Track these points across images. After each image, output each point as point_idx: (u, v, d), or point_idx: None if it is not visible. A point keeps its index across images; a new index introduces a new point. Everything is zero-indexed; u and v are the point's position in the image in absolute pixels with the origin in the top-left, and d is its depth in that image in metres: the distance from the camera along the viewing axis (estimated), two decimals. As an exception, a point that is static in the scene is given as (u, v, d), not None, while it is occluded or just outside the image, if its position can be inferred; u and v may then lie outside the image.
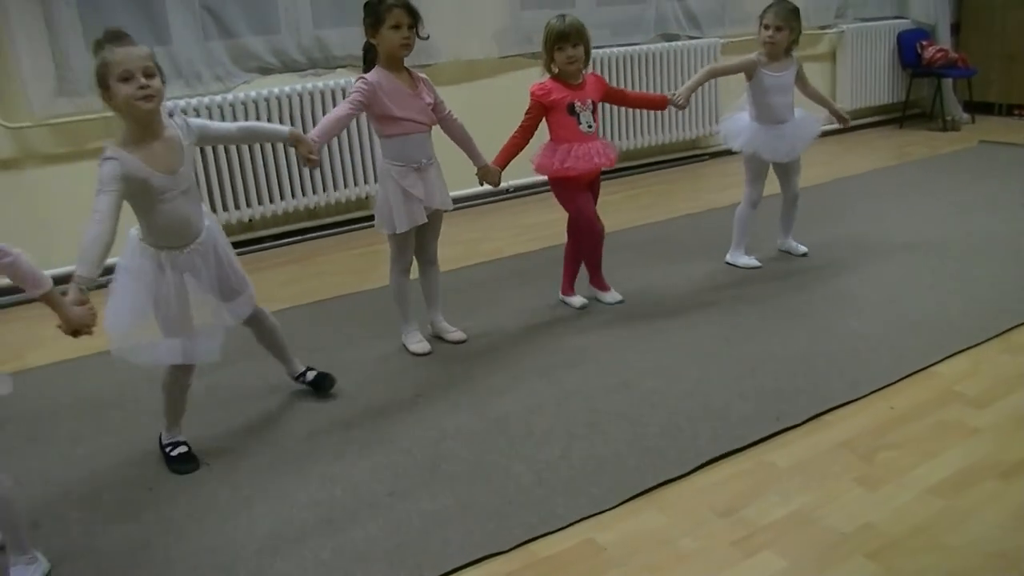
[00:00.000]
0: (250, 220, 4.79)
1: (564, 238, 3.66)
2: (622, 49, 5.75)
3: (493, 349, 3.27)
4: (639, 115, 5.86)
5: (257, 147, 4.70)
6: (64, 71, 4.24)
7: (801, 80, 3.86)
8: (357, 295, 3.98)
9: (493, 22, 5.33)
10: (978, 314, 3.29)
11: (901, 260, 3.97)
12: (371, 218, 5.21)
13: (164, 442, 2.63)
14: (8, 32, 4.05)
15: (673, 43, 6.01)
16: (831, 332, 3.22)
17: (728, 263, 4.03)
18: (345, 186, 5.01)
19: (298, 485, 2.42)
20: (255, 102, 4.63)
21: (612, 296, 3.66)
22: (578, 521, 2.18)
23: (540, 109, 3.34)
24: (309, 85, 4.80)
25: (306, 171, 4.85)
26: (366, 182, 5.06)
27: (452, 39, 5.10)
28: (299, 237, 4.97)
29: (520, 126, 3.37)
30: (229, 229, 4.76)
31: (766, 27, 3.70)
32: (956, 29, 7.43)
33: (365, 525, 2.22)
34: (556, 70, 3.35)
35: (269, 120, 4.63)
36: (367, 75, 2.99)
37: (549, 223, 4.85)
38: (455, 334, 3.37)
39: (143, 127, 2.33)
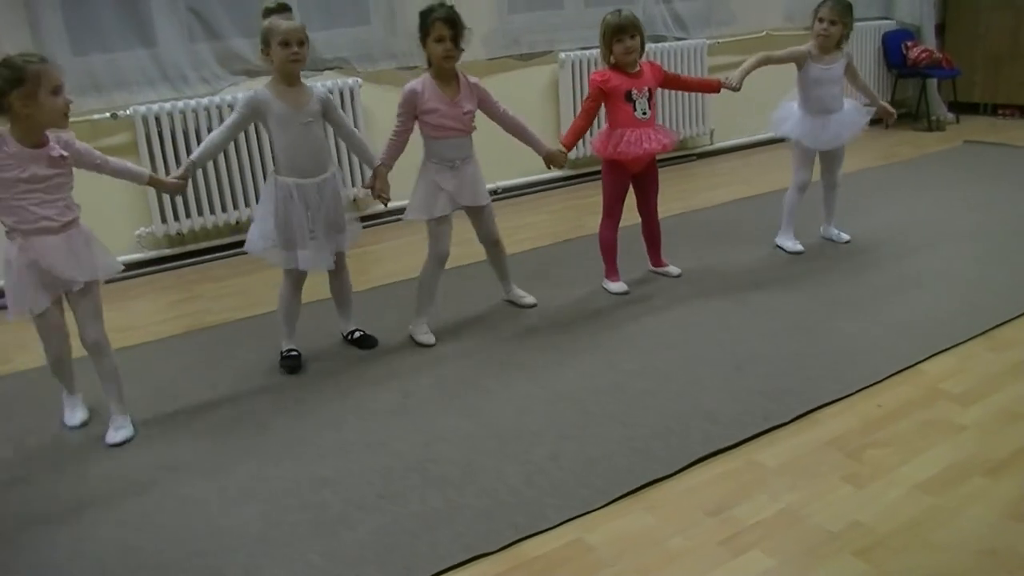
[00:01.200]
0: (237, 222, 4.78)
1: (547, 240, 3.69)
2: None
3: (481, 351, 3.27)
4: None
5: (245, 150, 4.69)
6: (50, 75, 4.22)
7: (851, 72, 4.00)
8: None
9: (481, 25, 5.32)
10: (964, 312, 3.31)
11: (887, 259, 3.99)
12: (362, 220, 5.23)
13: (281, 349, 3.24)
14: (-8, 35, 4.03)
15: (660, 44, 6.03)
16: (818, 332, 3.24)
17: (777, 246, 4.21)
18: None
19: (288, 488, 2.42)
20: (242, 104, 4.61)
21: (617, 287, 3.79)
22: (567, 521, 2.19)
23: (599, 95, 3.57)
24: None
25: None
26: (354, 183, 5.05)
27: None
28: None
29: (582, 109, 3.66)
30: (218, 232, 4.77)
31: (820, 20, 3.85)
32: (941, 30, 7.48)
33: (355, 527, 2.21)
34: (614, 61, 3.54)
35: (256, 124, 4.62)
36: (410, 85, 3.23)
37: (535, 224, 4.87)
38: (527, 299, 3.69)
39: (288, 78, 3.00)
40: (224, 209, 4.71)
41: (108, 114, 4.36)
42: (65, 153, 2.60)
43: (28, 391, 3.20)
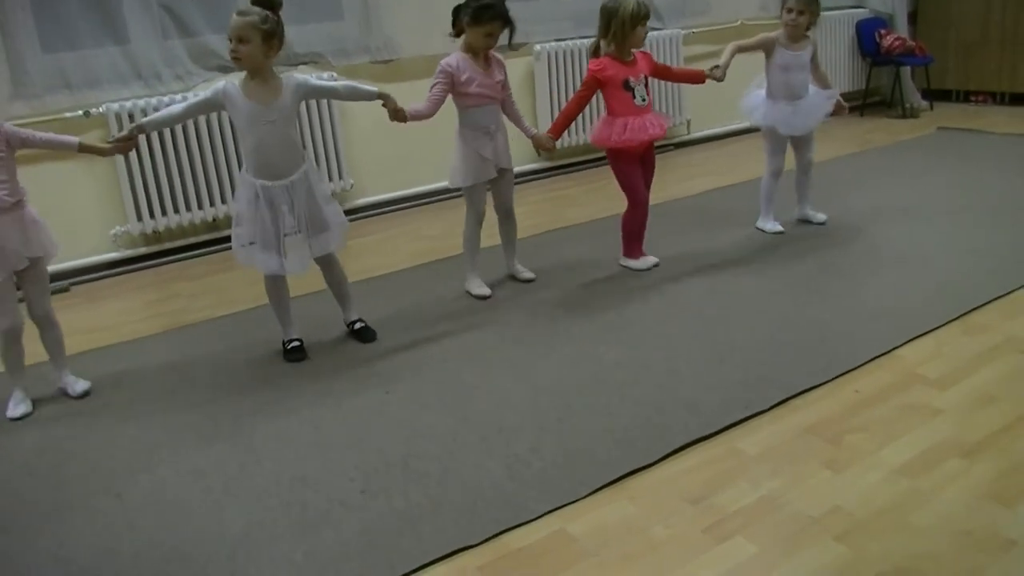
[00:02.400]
0: (214, 220, 4.75)
1: (526, 233, 3.76)
2: (584, 41, 5.76)
3: (461, 344, 3.27)
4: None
5: (221, 146, 4.65)
6: (20, 74, 4.17)
7: (814, 61, 4.10)
8: (325, 292, 3.95)
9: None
10: (939, 298, 3.34)
11: (862, 246, 4.03)
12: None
13: (283, 339, 3.30)
14: (-39, 34, 3.98)
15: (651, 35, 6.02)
16: (795, 319, 3.26)
17: (758, 228, 4.34)
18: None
19: (269, 487, 2.41)
20: (216, 101, 4.58)
21: (646, 262, 3.94)
22: (549, 512, 2.19)
23: (595, 84, 3.64)
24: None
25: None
26: (331, 179, 5.02)
27: (414, 35, 5.07)
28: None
29: (576, 96, 3.68)
30: (194, 229, 4.74)
31: (789, 11, 3.96)
32: (913, 18, 7.54)
33: (337, 525, 2.21)
34: (612, 48, 3.62)
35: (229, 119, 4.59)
36: (447, 61, 3.42)
37: (517, 216, 4.85)
38: (526, 274, 3.86)
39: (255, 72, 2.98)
40: (200, 206, 4.67)
41: (80, 112, 4.31)
42: None
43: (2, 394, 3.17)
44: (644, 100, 3.66)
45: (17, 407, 2.96)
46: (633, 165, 3.77)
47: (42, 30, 4.23)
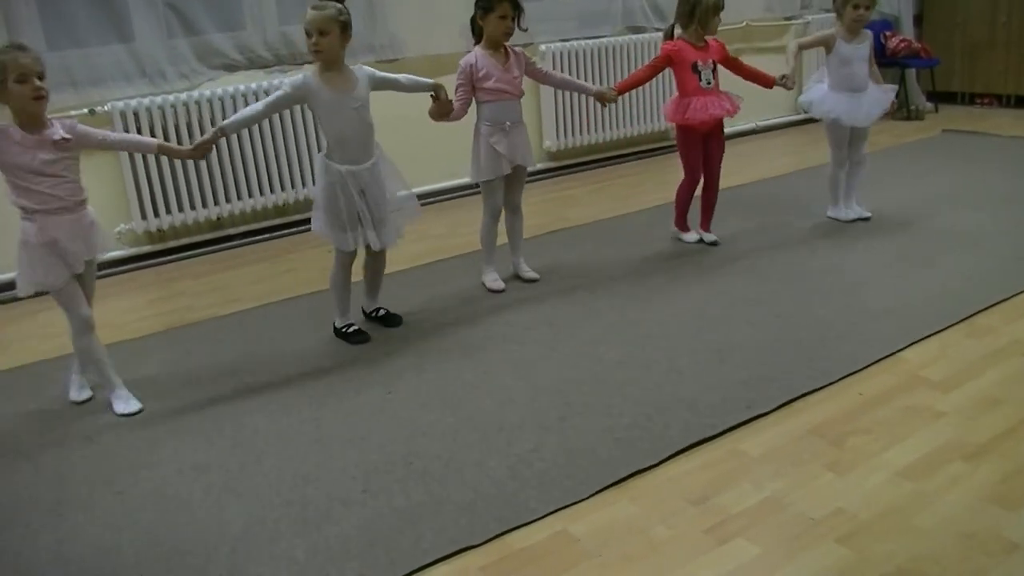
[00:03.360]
0: (218, 218, 4.75)
1: (527, 233, 3.90)
2: (589, 41, 5.76)
3: (463, 344, 3.27)
4: (608, 109, 5.87)
5: (224, 145, 4.65)
6: (24, 70, 4.17)
7: (870, 56, 4.23)
8: (326, 292, 3.95)
9: (459, 16, 5.29)
10: (943, 300, 3.33)
11: (867, 248, 4.02)
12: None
13: (338, 326, 3.37)
14: (-34, 31, 3.98)
15: (640, 35, 6.03)
16: (798, 320, 3.25)
17: (829, 217, 4.45)
18: (314, 183, 4.97)
19: (271, 485, 2.41)
20: (220, 99, 4.59)
21: (691, 236, 4.22)
22: (551, 513, 2.19)
23: (667, 59, 3.95)
24: (275, 81, 4.75)
25: (274, 168, 4.81)
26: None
27: (418, 34, 5.08)
28: (269, 235, 4.94)
29: (648, 65, 4.02)
30: (198, 228, 4.74)
31: (856, 7, 4.09)
32: (919, 20, 7.52)
33: (339, 523, 2.21)
34: (687, 33, 3.92)
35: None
36: (465, 59, 3.56)
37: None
38: (530, 273, 3.90)
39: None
40: (204, 205, 4.67)
41: (86, 110, 4.31)
42: (67, 136, 2.71)
43: (2, 393, 3.17)
44: (710, 83, 3.92)
45: (81, 391, 3.00)
46: (695, 142, 4.04)
47: (47, 27, 4.23)
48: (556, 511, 2.20)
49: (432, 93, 3.39)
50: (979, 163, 5.38)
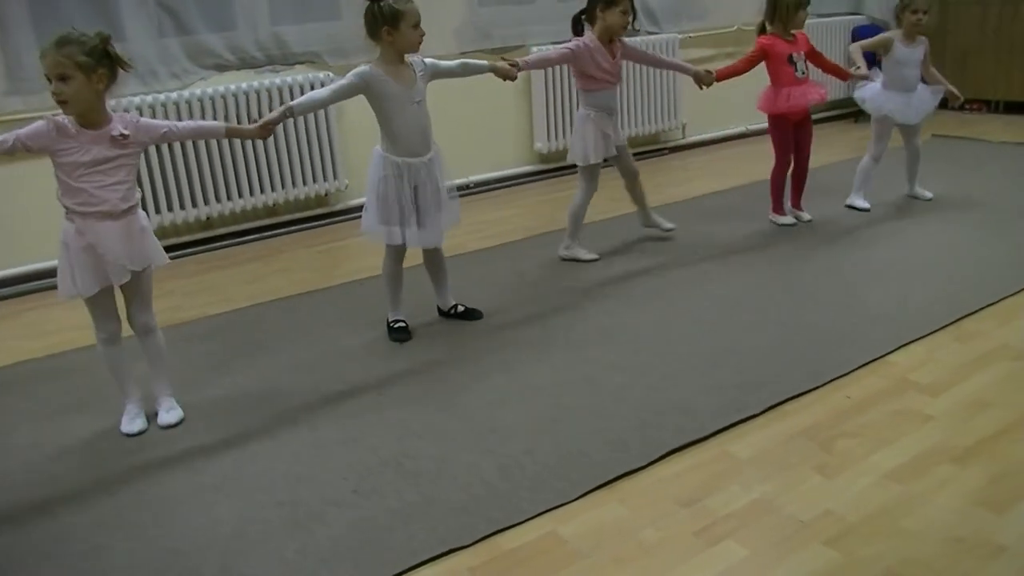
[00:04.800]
0: (208, 218, 4.74)
1: (519, 235, 4.11)
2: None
3: (454, 345, 3.28)
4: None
5: (215, 144, 4.64)
6: (15, 69, 4.16)
7: (925, 58, 4.54)
8: (319, 292, 3.96)
9: (452, 18, 5.32)
10: (932, 304, 3.35)
11: (855, 252, 4.04)
12: (332, 215, 5.23)
13: (388, 319, 3.40)
14: (-44, 29, 3.97)
15: (632, 38, 6.00)
16: (789, 324, 3.27)
17: (847, 206, 4.74)
18: (304, 183, 4.97)
19: (262, 485, 2.41)
20: (212, 99, 4.58)
21: (786, 219, 4.50)
22: (541, 514, 2.20)
23: (762, 54, 4.24)
24: (267, 82, 4.75)
25: (264, 168, 4.80)
26: (325, 179, 5.03)
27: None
28: (259, 235, 4.93)
29: (745, 58, 4.28)
30: (188, 228, 4.73)
31: (914, 12, 4.41)
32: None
33: (330, 524, 2.21)
34: (776, 28, 4.24)
35: (227, 119, 4.59)
36: (583, 37, 3.78)
37: (507, 219, 4.86)
38: (666, 224, 4.32)
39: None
40: (195, 205, 4.66)
41: (76, 109, 4.29)
42: (126, 132, 2.55)
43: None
44: (804, 73, 4.24)
45: (132, 423, 2.75)
46: (787, 130, 4.35)
47: (38, 25, 4.21)
48: (546, 512, 2.20)
49: (491, 72, 3.46)
50: (968, 168, 5.41)
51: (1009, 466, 2.29)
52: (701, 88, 4.17)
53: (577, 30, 3.86)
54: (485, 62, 3.45)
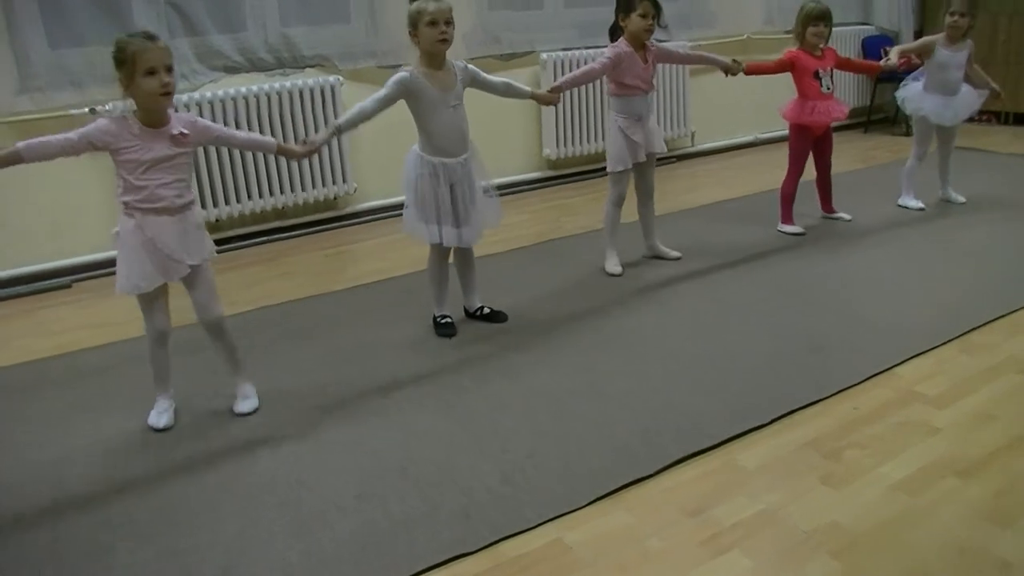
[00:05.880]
0: (217, 220, 4.74)
1: (526, 241, 4.21)
2: (590, 51, 5.77)
3: (459, 350, 3.27)
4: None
5: (221, 148, 4.65)
6: (26, 69, 4.18)
7: (969, 61, 4.64)
8: (323, 297, 3.96)
9: (461, 23, 5.27)
10: (939, 316, 3.34)
11: (864, 262, 4.03)
12: (340, 219, 5.24)
13: (435, 314, 3.45)
14: (-32, 29, 3.98)
15: (665, 42, 6.04)
16: (795, 333, 3.26)
17: (899, 205, 4.88)
18: (313, 186, 4.98)
19: (265, 487, 2.40)
20: (222, 101, 4.59)
21: (795, 228, 4.50)
22: (546, 522, 2.19)
23: (789, 63, 4.35)
24: (276, 85, 4.76)
25: (273, 170, 4.81)
26: (334, 182, 5.03)
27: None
28: (267, 238, 4.93)
29: (775, 62, 4.39)
30: (195, 229, 4.73)
31: (951, 14, 4.55)
32: (919, 36, 7.53)
33: (332, 527, 2.20)
34: (801, 42, 4.33)
35: (236, 121, 4.60)
36: (617, 44, 3.78)
37: (513, 225, 4.85)
38: (672, 253, 4.19)
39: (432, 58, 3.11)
40: (203, 206, 4.66)
41: (86, 109, 4.31)
42: (186, 131, 2.58)
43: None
44: (829, 88, 4.34)
45: (160, 417, 2.78)
46: (807, 141, 4.43)
47: (49, 26, 4.23)
48: (551, 520, 2.19)
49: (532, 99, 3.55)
50: (977, 180, 5.39)
51: (1015, 480, 2.28)
52: (726, 75, 4.17)
53: (614, 39, 3.86)
54: (528, 88, 3.50)
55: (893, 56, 4.51)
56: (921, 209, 4.80)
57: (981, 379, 2.85)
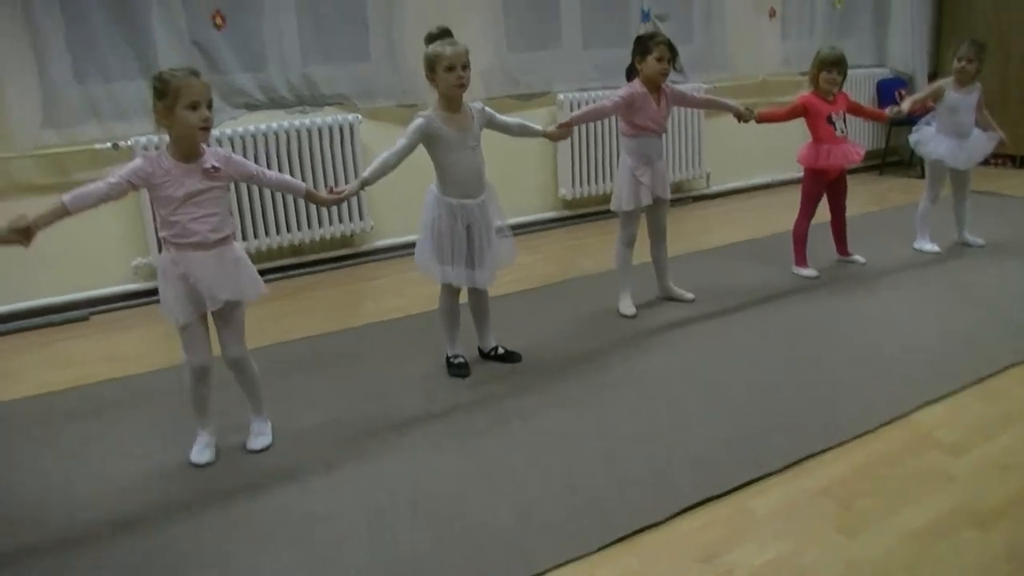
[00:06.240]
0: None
1: (539, 282, 4.17)
2: (607, 91, 5.82)
3: (473, 390, 3.27)
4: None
5: (241, 184, 4.70)
6: (52, 103, 4.25)
7: (979, 104, 4.70)
8: (339, 333, 3.97)
9: (480, 62, 5.37)
10: (955, 361, 3.32)
11: (879, 306, 4.01)
12: (357, 256, 5.27)
13: (447, 354, 3.45)
14: (-4, 62, 4.07)
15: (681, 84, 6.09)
16: (809, 377, 3.24)
17: (915, 249, 4.89)
18: (331, 223, 5.03)
19: (278, 521, 2.40)
20: (242, 138, 4.66)
21: (809, 272, 4.49)
22: (556, 567, 2.17)
23: (802, 108, 4.38)
24: (296, 122, 4.83)
25: (291, 207, 4.86)
26: (351, 220, 5.08)
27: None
28: (283, 274, 4.97)
29: (788, 108, 4.40)
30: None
31: (959, 59, 4.60)
32: (933, 79, 7.57)
33: (345, 562, 2.20)
34: (815, 86, 4.38)
35: (256, 157, 4.66)
36: (632, 84, 3.81)
37: (527, 265, 4.86)
38: (686, 295, 4.17)
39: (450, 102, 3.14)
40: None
41: (109, 144, 4.38)
42: (219, 165, 2.61)
43: (13, 422, 3.18)
44: (843, 132, 4.38)
45: (201, 453, 2.78)
46: (820, 185, 4.46)
47: (76, 61, 4.31)
48: (561, 565, 2.18)
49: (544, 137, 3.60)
50: (992, 224, 5.37)
51: (1033, 532, 2.25)
52: (739, 122, 4.20)
53: (631, 80, 3.87)
54: (539, 127, 3.54)
55: (905, 106, 4.56)
56: (936, 252, 4.80)
57: (998, 426, 2.82)
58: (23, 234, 2.45)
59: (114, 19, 4.34)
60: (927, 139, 4.79)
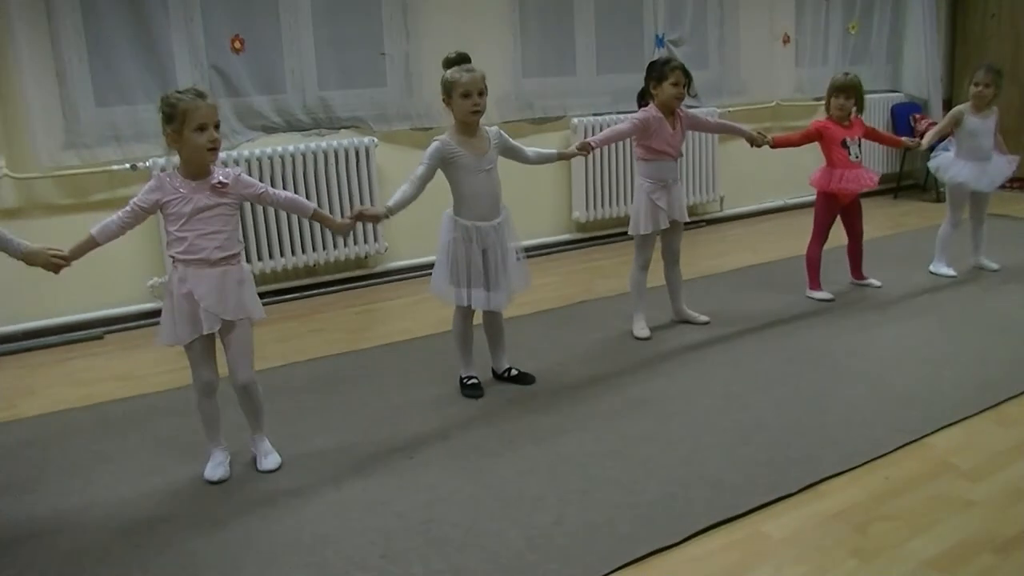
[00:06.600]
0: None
1: (555, 304, 4.14)
2: (621, 116, 5.84)
3: (485, 412, 3.27)
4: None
5: (254, 205, 4.73)
6: (73, 124, 4.30)
7: (996, 127, 4.75)
8: (352, 354, 3.98)
9: (494, 88, 5.37)
10: (971, 386, 3.30)
11: (894, 329, 4.00)
12: (370, 277, 5.28)
13: (461, 375, 3.45)
14: (20, 83, 4.12)
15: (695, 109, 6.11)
16: (824, 401, 3.23)
17: (931, 272, 4.89)
18: (345, 245, 5.05)
19: (288, 545, 2.40)
20: (259, 160, 4.69)
21: (823, 295, 4.48)
22: (570, 588, 2.16)
23: (816, 134, 4.41)
24: (312, 145, 4.87)
25: (306, 228, 4.89)
26: (366, 241, 5.10)
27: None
28: (297, 294, 4.99)
29: (802, 133, 4.43)
30: (228, 284, 4.79)
31: (976, 84, 4.66)
32: (948, 104, 7.57)
33: (355, 588, 2.19)
34: (829, 111, 4.42)
35: (272, 179, 4.68)
36: (648, 109, 3.83)
37: (543, 287, 4.86)
38: (700, 318, 4.17)
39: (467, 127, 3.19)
40: (236, 262, 4.73)
41: (128, 165, 4.42)
42: (225, 180, 2.66)
43: (32, 438, 3.20)
44: (857, 157, 4.39)
45: (215, 470, 2.79)
46: (833, 209, 4.48)
47: (97, 84, 4.36)
48: (574, 586, 2.17)
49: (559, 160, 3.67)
50: (1008, 247, 5.35)
51: (1053, 558, 2.23)
52: (751, 146, 4.22)
53: (642, 104, 3.90)
54: (554, 151, 3.64)
55: (925, 141, 4.64)
56: (952, 276, 4.79)
57: (1015, 452, 2.80)
58: (60, 264, 2.63)
59: (135, 44, 4.39)
60: (947, 164, 4.80)
